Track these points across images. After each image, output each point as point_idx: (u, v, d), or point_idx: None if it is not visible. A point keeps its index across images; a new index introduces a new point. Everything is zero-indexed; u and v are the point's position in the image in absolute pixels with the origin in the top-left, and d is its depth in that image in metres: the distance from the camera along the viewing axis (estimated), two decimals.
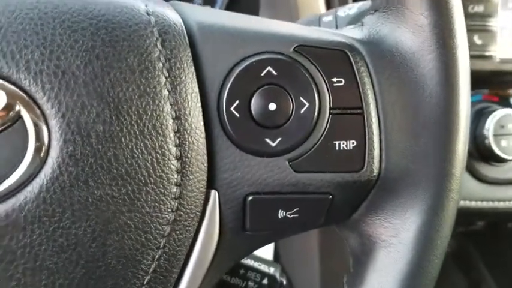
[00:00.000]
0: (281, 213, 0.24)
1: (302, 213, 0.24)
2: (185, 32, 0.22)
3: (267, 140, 0.23)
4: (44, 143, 0.19)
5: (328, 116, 0.23)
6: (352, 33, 0.26)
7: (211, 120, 0.22)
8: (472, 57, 0.49)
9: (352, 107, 0.24)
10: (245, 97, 0.23)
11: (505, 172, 0.49)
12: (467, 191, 0.49)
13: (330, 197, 0.24)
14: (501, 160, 0.48)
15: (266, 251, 0.48)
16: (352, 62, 0.24)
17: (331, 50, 0.24)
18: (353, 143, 0.24)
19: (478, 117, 0.49)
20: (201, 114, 0.22)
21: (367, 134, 0.24)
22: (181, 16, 0.23)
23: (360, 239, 0.26)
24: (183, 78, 0.22)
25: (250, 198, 0.23)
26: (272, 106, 0.23)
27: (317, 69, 0.23)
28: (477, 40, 0.48)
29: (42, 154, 0.19)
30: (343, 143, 0.24)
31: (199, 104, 0.22)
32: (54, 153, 0.19)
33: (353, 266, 0.27)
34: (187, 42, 0.22)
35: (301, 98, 0.23)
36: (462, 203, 0.49)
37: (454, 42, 0.23)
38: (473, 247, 0.90)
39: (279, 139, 0.23)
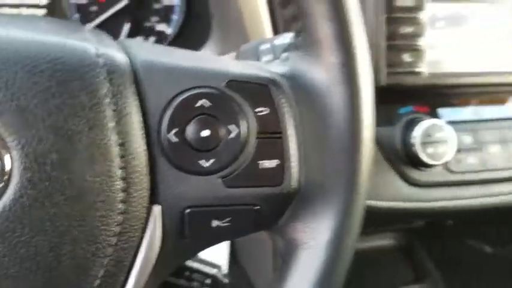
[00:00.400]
0: (215, 223, 0.28)
1: (233, 222, 0.28)
2: (130, 70, 0.26)
3: (202, 161, 0.27)
4: (6, 170, 0.23)
5: (255, 140, 0.28)
6: (276, 68, 0.30)
7: (153, 146, 0.26)
8: (402, 73, 0.55)
9: (274, 132, 0.28)
10: (182, 125, 0.27)
11: (432, 176, 0.55)
12: (398, 194, 0.55)
13: (257, 207, 0.28)
14: (428, 165, 0.54)
15: (220, 253, 0.53)
16: (274, 94, 0.28)
17: (257, 84, 0.28)
18: (275, 162, 0.28)
19: (408, 126, 0.55)
20: (143, 140, 0.26)
21: (287, 154, 0.28)
22: (128, 55, 0.27)
23: (285, 242, 0.31)
24: (128, 110, 0.25)
25: (188, 210, 0.27)
26: (205, 133, 0.27)
27: (245, 100, 0.28)
28: (407, 58, 0.54)
29: (5, 179, 0.23)
30: (267, 162, 0.28)
31: (141, 132, 0.26)
32: (15, 179, 0.23)
33: (280, 265, 0.31)
34: (132, 79, 0.26)
35: (231, 126, 0.27)
36: (394, 204, 0.55)
37: (357, 78, 0.28)
38: (419, 242, 0.97)
39: (212, 160, 0.27)
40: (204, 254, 0.46)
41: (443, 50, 0.56)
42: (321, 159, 0.29)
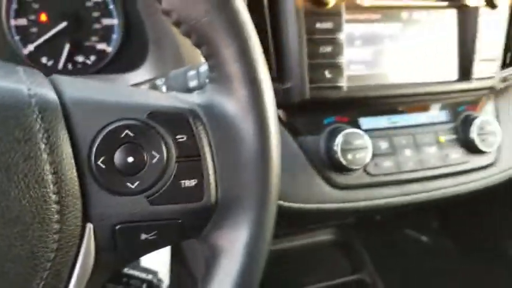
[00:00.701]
0: (143, 236, 0.32)
1: (159, 235, 0.33)
2: (60, 107, 0.30)
3: (128, 183, 0.31)
4: None
5: (175, 163, 0.32)
6: (195, 99, 0.35)
7: (84, 172, 0.30)
8: (324, 88, 0.61)
9: (193, 156, 0.33)
10: (109, 153, 0.31)
11: (353, 179, 0.62)
12: (323, 196, 0.61)
13: (180, 221, 0.33)
14: (348, 169, 0.60)
15: (161, 259, 0.57)
16: (192, 123, 0.33)
17: (176, 115, 0.33)
18: (194, 181, 0.33)
19: (331, 135, 0.61)
20: (74, 168, 0.30)
21: (204, 174, 0.33)
22: (58, 92, 0.31)
23: (209, 249, 0.36)
24: (59, 142, 0.29)
25: (118, 227, 0.31)
26: (130, 159, 0.31)
27: (165, 129, 0.32)
28: (327, 74, 0.60)
29: None
30: (187, 182, 0.33)
31: (73, 161, 0.30)
32: None
33: (206, 270, 0.36)
34: (62, 114, 0.30)
35: (153, 152, 0.32)
36: (320, 205, 0.61)
37: (263, 108, 0.33)
38: (357, 236, 1.05)
39: (137, 182, 0.31)
40: (144, 262, 0.50)
41: (361, 65, 0.63)
42: (236, 178, 0.33)
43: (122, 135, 0.31)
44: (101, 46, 0.65)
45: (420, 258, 1.18)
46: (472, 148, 0.66)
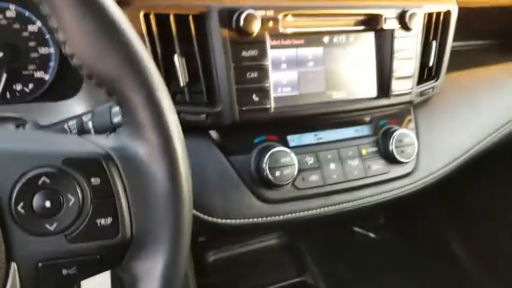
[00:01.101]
0: (65, 272, 0.36)
1: (80, 269, 0.37)
2: None
3: (47, 225, 0.35)
4: None
5: (90, 204, 0.36)
6: (109, 142, 0.38)
7: (5, 217, 0.34)
8: (252, 110, 0.65)
9: (107, 196, 0.37)
10: (28, 199, 0.34)
11: (282, 193, 0.67)
12: (253, 211, 0.65)
13: (98, 256, 0.37)
14: (277, 185, 0.65)
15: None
16: (105, 166, 0.37)
17: (90, 159, 0.36)
18: (110, 219, 0.37)
19: (260, 154, 0.66)
20: None
21: (119, 213, 0.37)
22: None
23: (130, 277, 0.40)
24: None
25: (41, 264, 0.35)
26: (48, 203, 0.35)
27: (80, 174, 0.36)
28: (255, 98, 0.64)
29: None
30: (103, 220, 0.37)
31: None
32: None
33: None
34: None
35: (69, 195, 0.35)
36: (251, 220, 0.65)
37: (173, 151, 0.37)
38: (302, 237, 1.11)
39: (56, 224, 0.35)
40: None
41: (287, 87, 0.68)
42: (150, 215, 0.38)
43: (39, 182, 0.35)
44: (39, 74, 0.67)
45: (368, 254, 1.26)
46: (391, 159, 0.73)
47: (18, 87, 0.67)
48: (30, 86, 0.67)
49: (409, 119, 0.79)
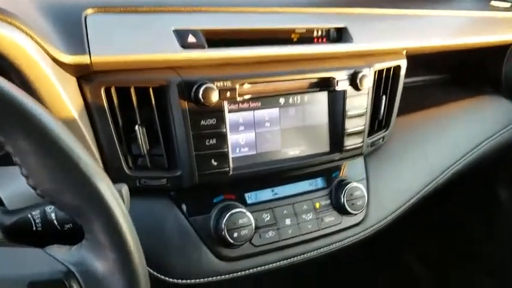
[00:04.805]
0: None
1: None
2: None
3: None
4: None
5: None
6: (72, 256, 0.41)
7: None
8: (211, 174, 0.68)
9: None
10: None
11: (239, 251, 0.71)
12: (213, 269, 0.69)
13: None
14: (234, 245, 0.69)
15: None
16: (67, 284, 0.39)
17: (53, 280, 0.39)
18: None
19: (219, 215, 0.69)
20: None
21: None
22: None
23: None
24: None
25: None
26: None
27: None
28: (213, 162, 0.68)
29: None
30: None
31: None
32: None
33: None
34: None
35: None
36: (210, 279, 0.70)
37: (133, 269, 0.40)
38: None
39: None
40: None
41: (245, 148, 0.71)
42: None
43: None
44: None
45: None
46: (343, 211, 0.78)
47: None
48: None
49: (360, 168, 0.84)
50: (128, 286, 0.40)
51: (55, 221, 0.50)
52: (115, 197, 0.40)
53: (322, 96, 0.76)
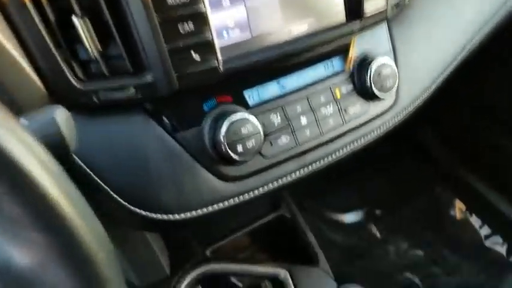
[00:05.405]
0: None
1: None
2: None
3: None
4: None
5: None
6: None
7: None
8: (194, 73, 0.50)
9: None
10: None
11: (248, 167, 0.55)
12: (214, 194, 0.54)
13: None
14: (240, 162, 0.53)
15: None
16: None
17: None
18: None
19: (215, 125, 0.52)
20: None
21: None
22: None
23: None
24: None
25: None
26: None
27: None
28: (195, 56, 0.48)
29: None
30: None
31: None
32: None
33: None
34: None
35: None
36: (215, 207, 0.54)
37: (79, 250, 0.24)
38: None
39: None
40: None
41: (235, 30, 0.51)
42: None
43: None
44: None
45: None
46: (370, 96, 0.61)
47: None
48: None
49: (384, 39, 0.65)
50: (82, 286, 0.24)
51: None
52: (23, 140, 0.22)
53: None
